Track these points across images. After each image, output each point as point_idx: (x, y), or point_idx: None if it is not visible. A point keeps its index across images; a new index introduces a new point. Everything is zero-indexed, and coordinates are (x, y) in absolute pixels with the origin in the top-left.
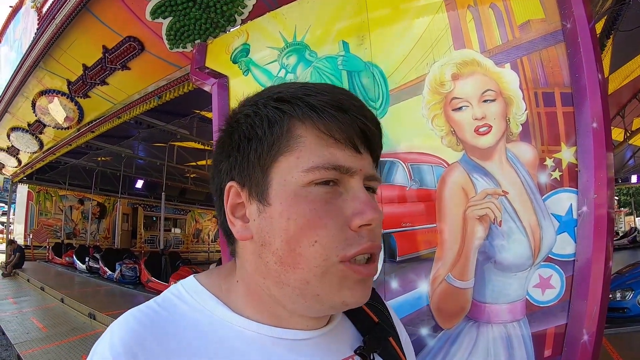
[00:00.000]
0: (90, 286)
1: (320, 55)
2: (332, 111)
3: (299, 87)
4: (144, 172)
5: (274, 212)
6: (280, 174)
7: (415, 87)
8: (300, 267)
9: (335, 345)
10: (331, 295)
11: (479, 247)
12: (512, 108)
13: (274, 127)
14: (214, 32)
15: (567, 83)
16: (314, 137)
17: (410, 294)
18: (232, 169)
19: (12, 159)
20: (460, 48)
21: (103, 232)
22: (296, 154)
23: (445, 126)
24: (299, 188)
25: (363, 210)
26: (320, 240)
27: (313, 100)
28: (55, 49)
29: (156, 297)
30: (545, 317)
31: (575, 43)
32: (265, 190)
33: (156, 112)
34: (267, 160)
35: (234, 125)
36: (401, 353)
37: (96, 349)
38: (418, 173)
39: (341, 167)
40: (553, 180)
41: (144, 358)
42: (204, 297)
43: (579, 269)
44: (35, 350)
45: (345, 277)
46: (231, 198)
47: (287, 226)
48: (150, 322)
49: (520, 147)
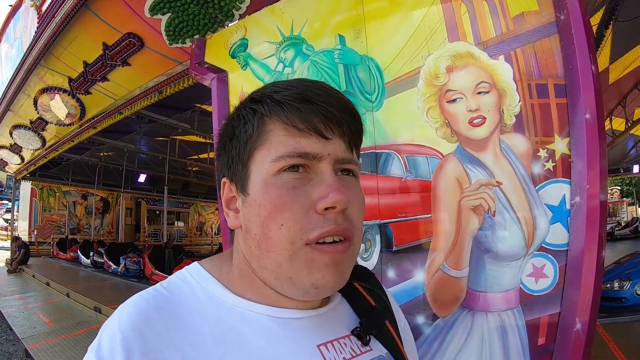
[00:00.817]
0: (95, 280)
1: (317, 49)
2: (295, 103)
3: (272, 85)
4: (146, 167)
5: (251, 201)
6: (256, 166)
7: (411, 80)
8: (273, 251)
9: (331, 325)
10: (302, 278)
11: (473, 236)
12: (506, 100)
13: (247, 125)
14: (213, 27)
15: (560, 75)
16: (281, 129)
17: (407, 283)
18: (223, 167)
19: (15, 156)
20: (454, 40)
21: (107, 226)
22: (267, 146)
23: (440, 118)
24: (269, 177)
25: (326, 194)
26: (285, 223)
27: (279, 96)
28: (55, 47)
29: (162, 281)
30: (539, 306)
31: (568, 35)
32: (246, 182)
33: (157, 107)
34: (245, 155)
35: (223, 128)
36: (397, 337)
37: (105, 327)
38: (413, 164)
39: (307, 153)
40: (546, 171)
41: (150, 334)
42: (207, 280)
43: (571, 259)
44: (42, 344)
45: (313, 259)
46: (225, 192)
47: (259, 212)
48: (156, 302)
49: (514, 138)
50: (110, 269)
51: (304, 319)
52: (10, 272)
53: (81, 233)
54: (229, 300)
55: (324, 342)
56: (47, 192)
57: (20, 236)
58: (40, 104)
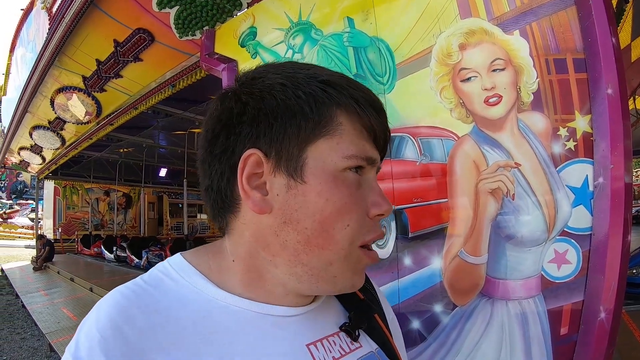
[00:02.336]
0: (118, 275)
1: (326, 34)
2: (370, 108)
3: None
4: (166, 161)
5: (310, 191)
6: (318, 154)
7: (422, 60)
8: (329, 249)
9: (321, 322)
10: (345, 278)
11: (491, 221)
12: (523, 77)
13: (322, 107)
14: (221, 17)
15: (579, 48)
16: (352, 127)
17: (423, 271)
18: (259, 137)
19: (37, 156)
20: (466, 17)
21: (130, 221)
22: (337, 139)
23: (454, 98)
24: (337, 172)
25: (380, 202)
26: (352, 225)
27: (355, 93)
28: (67, 47)
29: (143, 274)
30: (562, 294)
31: (586, 5)
32: (299, 166)
33: (172, 101)
34: (309, 138)
35: (264, 90)
36: (386, 329)
37: (83, 326)
38: (428, 147)
39: (370, 158)
40: (567, 151)
41: (131, 333)
42: (190, 273)
43: (595, 244)
44: (65, 338)
45: (360, 261)
46: (249, 166)
47: (324, 207)
48: (137, 297)
49: (533, 116)
50: (133, 262)
51: (295, 317)
52: (35, 269)
53: (105, 229)
54: (214, 294)
55: (313, 340)
56: (70, 190)
57: (45, 234)
58: (57, 104)
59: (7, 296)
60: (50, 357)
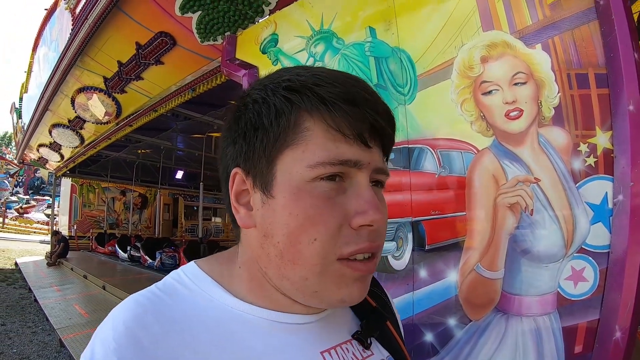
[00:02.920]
0: (131, 274)
1: (348, 43)
2: (343, 105)
3: (311, 74)
4: (183, 163)
5: (277, 205)
6: (285, 167)
7: (444, 72)
8: (300, 264)
9: (333, 330)
10: (329, 293)
11: (509, 236)
12: (544, 91)
13: (281, 117)
14: (243, 23)
15: (601, 63)
16: (322, 130)
17: (439, 284)
18: (237, 156)
19: (55, 154)
20: (488, 29)
21: (145, 222)
22: (302, 147)
23: (475, 111)
24: (303, 183)
25: (365, 210)
26: (319, 238)
27: (323, 91)
28: (90, 48)
29: (157, 282)
30: (577, 312)
31: (609, 20)
32: (270, 181)
33: (192, 104)
34: (273, 151)
35: (241, 109)
36: (399, 337)
37: (98, 333)
38: (447, 160)
39: (348, 161)
40: (587, 167)
41: (147, 340)
42: (204, 281)
43: (613, 262)
44: (76, 334)
45: (343, 275)
46: (236, 184)
47: (289, 221)
48: (152, 305)
49: (553, 131)
50: (146, 263)
51: (308, 324)
52: (49, 265)
53: (120, 228)
54: (229, 302)
55: (327, 348)
56: (86, 189)
57: (60, 230)
58: (77, 104)
59: (20, 290)
60: (60, 352)
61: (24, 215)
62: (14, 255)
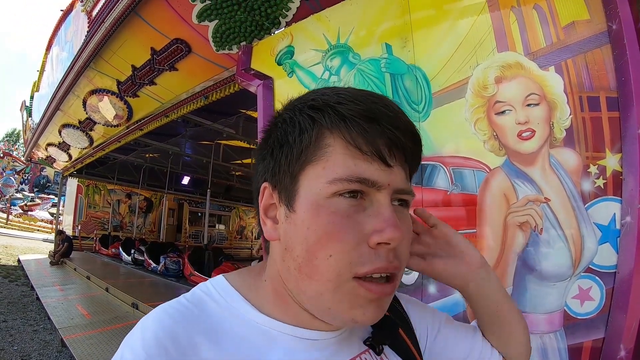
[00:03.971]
0: (134, 277)
1: (364, 58)
2: (361, 121)
3: (334, 93)
4: (190, 169)
5: (298, 219)
6: (307, 183)
7: (459, 90)
8: (316, 279)
9: (350, 341)
10: (342, 311)
11: (518, 254)
12: (556, 112)
13: (304, 134)
14: (259, 34)
15: (613, 87)
16: (342, 147)
17: (448, 299)
18: (266, 171)
19: (63, 154)
20: (503, 50)
21: (149, 225)
22: (322, 164)
23: (488, 130)
24: (322, 199)
25: (383, 228)
26: (335, 255)
27: (344, 109)
28: (105, 51)
29: (185, 293)
30: (583, 330)
31: (621, 45)
32: (293, 196)
33: (203, 111)
34: (296, 167)
35: (272, 128)
36: (411, 344)
37: (128, 342)
38: (460, 177)
39: (366, 180)
40: (597, 188)
41: (175, 352)
42: (232, 295)
43: (620, 282)
44: (78, 335)
45: (357, 294)
46: (265, 198)
47: (307, 235)
48: (182, 317)
49: (564, 153)
50: (150, 267)
51: (330, 340)
52: (52, 264)
53: (124, 230)
54: (254, 318)
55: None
56: (92, 190)
57: (64, 230)
58: (89, 105)
59: (22, 287)
60: (62, 352)
61: (29, 212)
62: (17, 252)
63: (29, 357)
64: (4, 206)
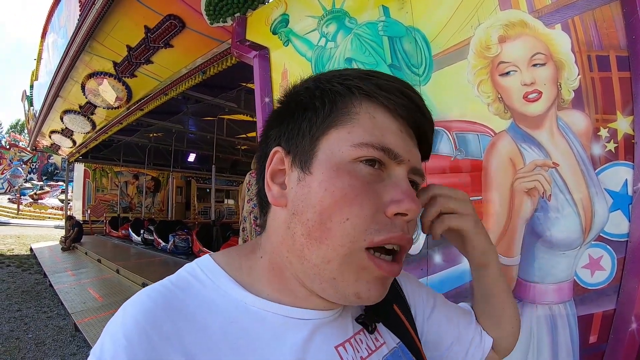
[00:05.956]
0: (144, 257)
1: (361, 22)
2: (397, 94)
3: (365, 71)
4: (195, 146)
5: (313, 181)
6: (328, 145)
7: (460, 52)
8: (326, 243)
9: (344, 320)
10: (346, 283)
11: (526, 222)
12: (564, 73)
13: (335, 99)
14: (253, 4)
15: (623, 46)
16: (371, 117)
17: (454, 269)
18: (281, 135)
19: (67, 140)
20: (506, 8)
21: (158, 205)
22: (348, 128)
23: (492, 92)
24: (344, 162)
25: (401, 199)
26: (352, 219)
27: (380, 81)
28: (98, 33)
29: (170, 275)
30: (593, 301)
31: (631, 1)
32: (310, 159)
33: (203, 87)
34: (318, 131)
35: (293, 96)
36: (406, 320)
37: (108, 329)
38: (463, 142)
39: (390, 150)
40: (607, 153)
41: (158, 338)
42: (219, 276)
43: (631, 251)
44: (90, 318)
45: (365, 268)
46: (274, 163)
47: (323, 197)
48: (164, 301)
49: (573, 115)
50: (159, 246)
51: (325, 319)
52: (64, 249)
53: (133, 212)
54: (243, 298)
55: (341, 342)
56: (99, 173)
57: (74, 215)
58: (88, 89)
59: (36, 275)
60: (75, 336)
61: (39, 201)
62: (29, 241)
63: (43, 344)
64: (14, 197)
